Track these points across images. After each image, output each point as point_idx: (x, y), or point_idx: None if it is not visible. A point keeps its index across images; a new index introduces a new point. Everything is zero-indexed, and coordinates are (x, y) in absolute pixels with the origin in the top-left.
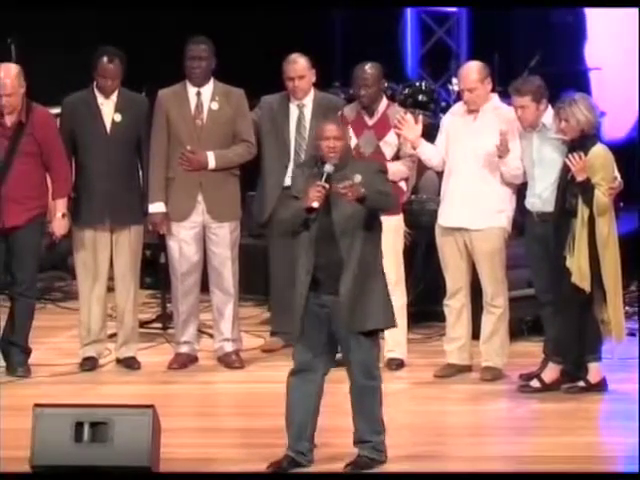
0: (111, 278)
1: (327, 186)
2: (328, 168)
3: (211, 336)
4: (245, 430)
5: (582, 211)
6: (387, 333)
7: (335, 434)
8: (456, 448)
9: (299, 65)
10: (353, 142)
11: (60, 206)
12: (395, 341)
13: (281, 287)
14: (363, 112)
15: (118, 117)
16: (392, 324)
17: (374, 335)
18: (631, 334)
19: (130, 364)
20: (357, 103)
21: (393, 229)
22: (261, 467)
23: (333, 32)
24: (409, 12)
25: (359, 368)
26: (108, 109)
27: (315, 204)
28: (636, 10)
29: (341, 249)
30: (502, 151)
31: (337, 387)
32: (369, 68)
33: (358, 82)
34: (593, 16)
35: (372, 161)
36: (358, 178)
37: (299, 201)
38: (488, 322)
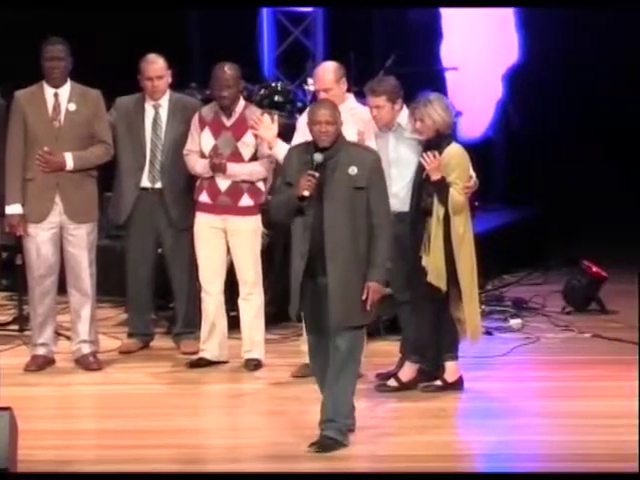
0: None
1: (317, 175)
2: (318, 157)
3: (69, 338)
4: (103, 432)
5: (437, 210)
6: (245, 333)
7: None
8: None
9: (158, 65)
10: (211, 143)
11: None
12: (253, 341)
13: (138, 289)
14: (221, 113)
15: None
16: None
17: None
18: (487, 333)
19: None
20: (215, 104)
21: (251, 230)
22: (119, 468)
23: (189, 32)
24: (265, 12)
25: (341, 350)
26: None
27: (306, 193)
28: (490, 10)
29: (326, 239)
30: None
31: (198, 387)
32: (228, 69)
33: (218, 83)
34: (448, 16)
35: (367, 149)
36: (354, 170)
37: (292, 188)
38: None
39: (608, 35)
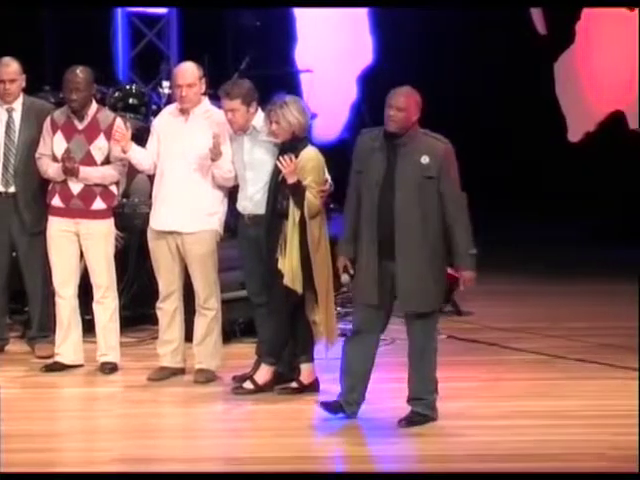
0: None
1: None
2: (345, 279)
3: None
4: None
5: (293, 213)
6: (100, 337)
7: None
8: (170, 450)
9: (11, 68)
10: (63, 146)
11: None
12: (108, 345)
13: None
14: (73, 116)
15: None
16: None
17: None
18: (343, 335)
19: None
20: (67, 107)
21: (104, 233)
22: None
23: (43, 34)
24: (119, 14)
25: (418, 331)
26: None
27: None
28: (344, 11)
29: (396, 226)
30: (214, 154)
31: (53, 391)
32: (80, 72)
33: (69, 86)
34: (302, 18)
35: (439, 139)
36: (426, 159)
37: (361, 175)
38: (201, 324)
39: (462, 35)
